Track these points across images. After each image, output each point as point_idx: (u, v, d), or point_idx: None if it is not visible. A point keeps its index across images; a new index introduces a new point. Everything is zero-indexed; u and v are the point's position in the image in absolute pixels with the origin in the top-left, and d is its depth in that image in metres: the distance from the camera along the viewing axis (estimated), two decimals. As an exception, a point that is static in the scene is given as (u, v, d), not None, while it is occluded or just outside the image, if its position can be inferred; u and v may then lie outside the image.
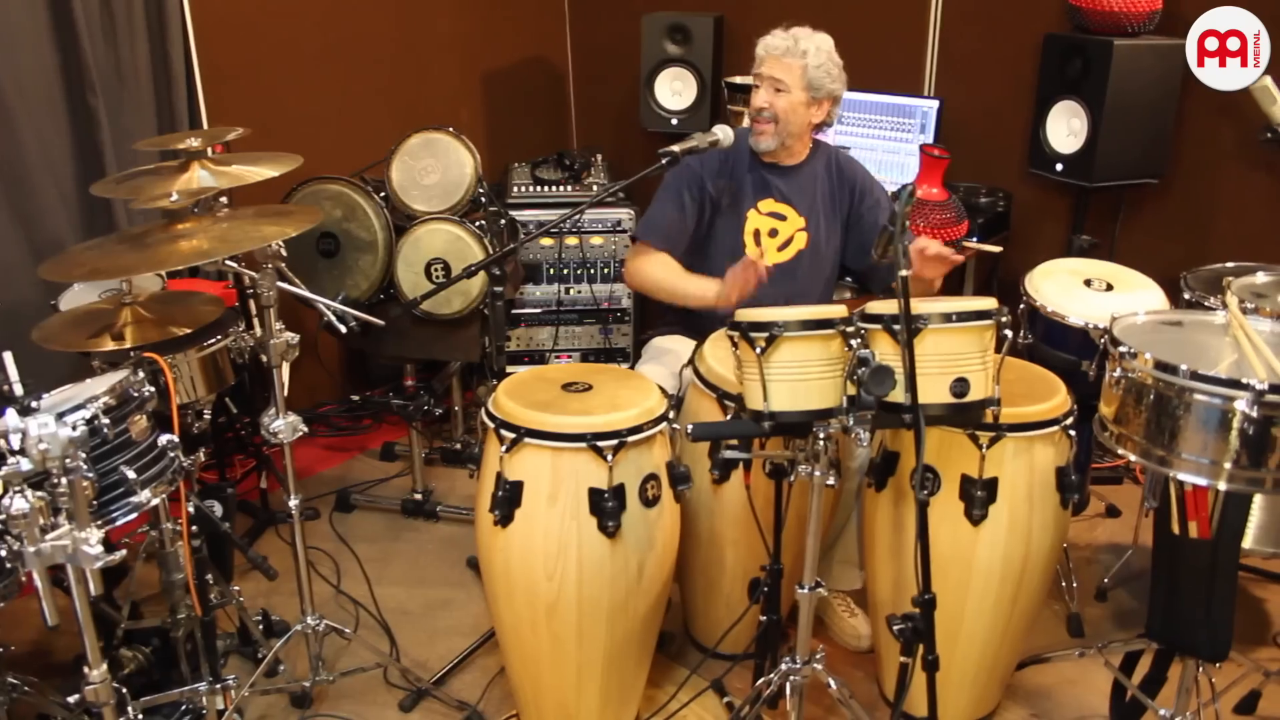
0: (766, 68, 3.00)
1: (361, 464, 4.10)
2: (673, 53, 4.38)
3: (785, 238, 3.08)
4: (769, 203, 3.08)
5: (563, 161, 4.37)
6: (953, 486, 2.45)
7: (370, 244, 3.46)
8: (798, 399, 2.05)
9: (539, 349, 4.33)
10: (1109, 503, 3.74)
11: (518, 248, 3.63)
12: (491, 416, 2.43)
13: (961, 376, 2.06)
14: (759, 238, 3.07)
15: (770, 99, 2.99)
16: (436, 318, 3.47)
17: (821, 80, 2.99)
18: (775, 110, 2.98)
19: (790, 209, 3.08)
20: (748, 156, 3.08)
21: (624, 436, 2.33)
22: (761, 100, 3.00)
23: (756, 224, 3.08)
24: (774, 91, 2.98)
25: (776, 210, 3.08)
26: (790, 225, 3.08)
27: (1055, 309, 2.87)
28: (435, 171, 3.50)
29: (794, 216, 3.08)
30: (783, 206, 3.08)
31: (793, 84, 2.97)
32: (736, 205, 3.08)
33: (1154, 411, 2.22)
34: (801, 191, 3.10)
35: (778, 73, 2.98)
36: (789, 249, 3.08)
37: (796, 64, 2.97)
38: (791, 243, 3.08)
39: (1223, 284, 2.84)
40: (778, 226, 3.08)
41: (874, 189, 3.17)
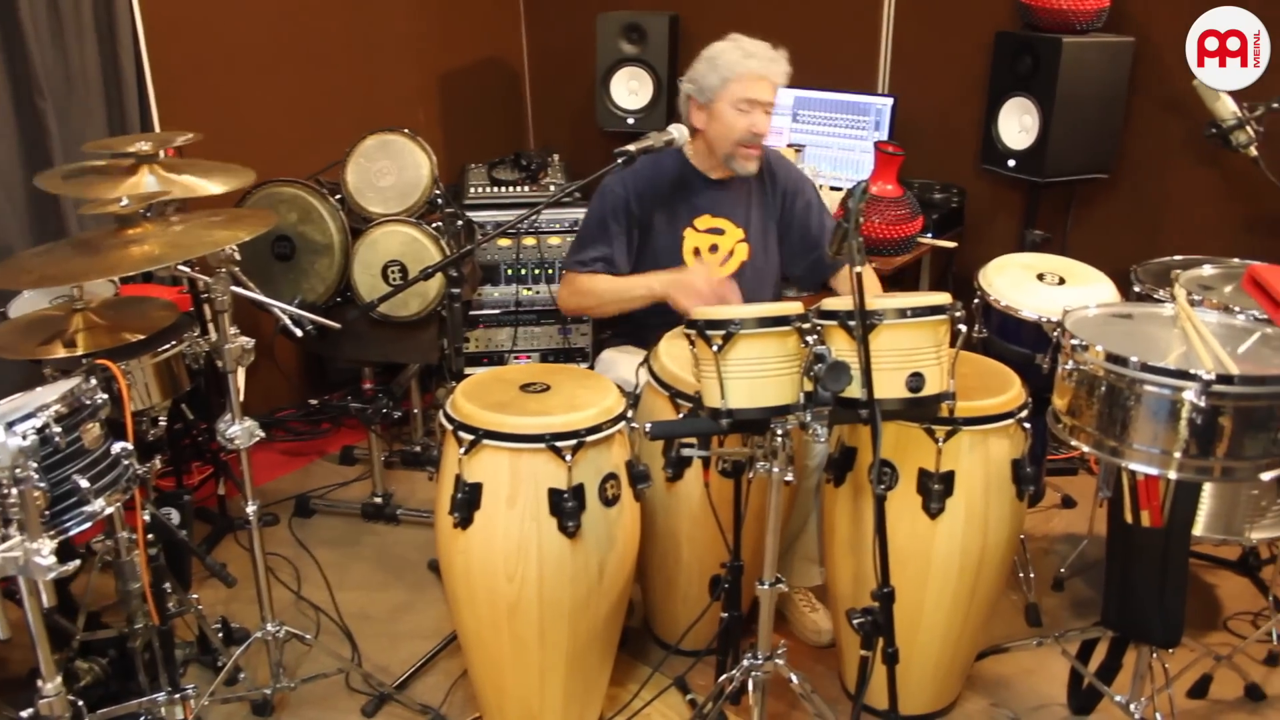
0: (764, 92, 2.93)
1: (320, 468, 4.07)
2: (628, 52, 4.38)
3: (726, 251, 3.07)
4: (705, 219, 3.07)
5: (519, 162, 4.35)
6: (910, 480, 2.46)
7: (326, 247, 3.43)
8: (755, 396, 2.06)
9: (498, 350, 4.31)
10: (1064, 494, 3.78)
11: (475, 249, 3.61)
12: (449, 418, 2.42)
13: (917, 371, 2.07)
14: (699, 255, 3.07)
15: (764, 127, 2.95)
16: (394, 320, 3.45)
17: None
18: (765, 137, 2.95)
19: (727, 222, 3.07)
20: (680, 174, 3.06)
21: (583, 436, 2.33)
22: (763, 126, 2.94)
23: (695, 242, 3.06)
24: (765, 115, 2.94)
25: (714, 225, 3.07)
26: (729, 239, 3.07)
27: (1009, 303, 2.89)
28: (391, 173, 3.48)
29: (732, 229, 3.07)
30: (719, 220, 3.07)
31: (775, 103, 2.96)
32: (672, 225, 3.05)
33: (1106, 403, 2.25)
34: (736, 203, 3.08)
35: (772, 96, 2.94)
36: (731, 262, 3.08)
37: (784, 83, 2.95)
38: (733, 255, 3.08)
39: (1171, 276, 2.88)
40: (717, 242, 3.07)
41: (804, 189, 3.16)
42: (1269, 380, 2.13)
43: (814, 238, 3.12)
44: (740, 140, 2.95)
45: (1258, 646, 2.94)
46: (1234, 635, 3.03)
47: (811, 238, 3.12)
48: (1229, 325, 2.47)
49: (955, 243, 3.93)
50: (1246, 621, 3.08)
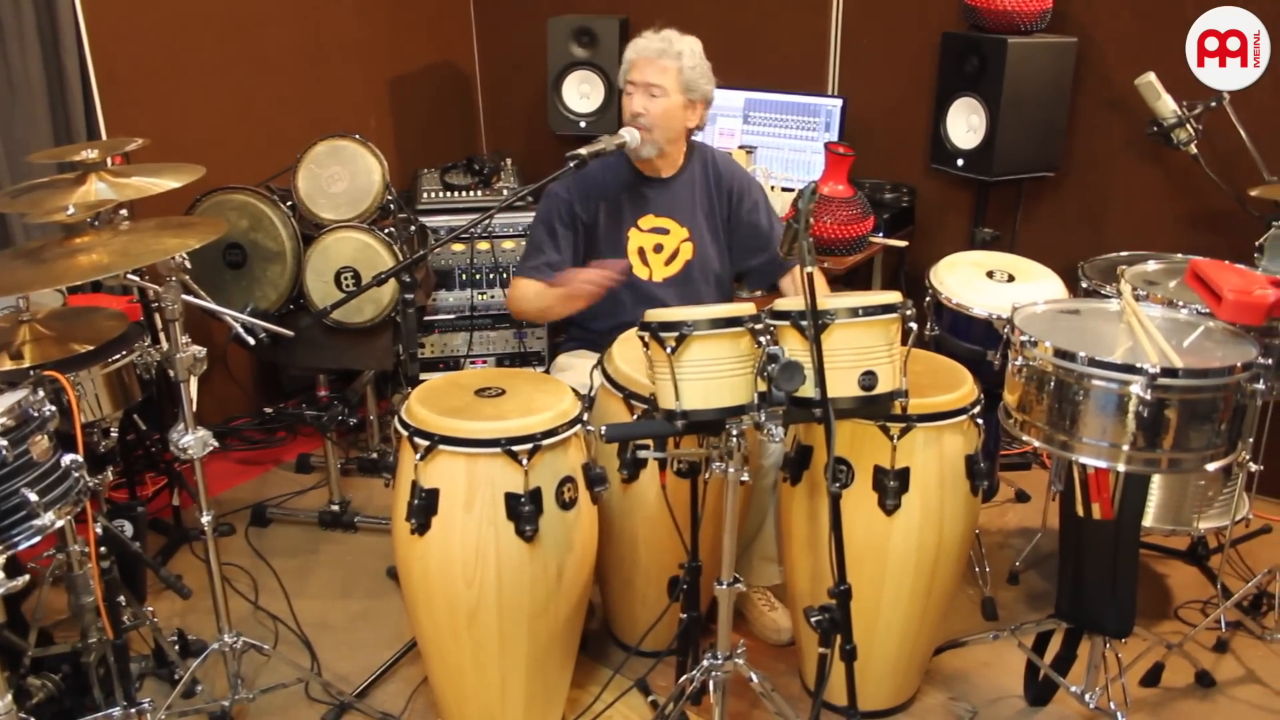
0: (639, 72, 2.93)
1: (276, 477, 4.03)
2: (579, 56, 4.38)
3: (670, 251, 3.08)
4: (649, 218, 3.07)
5: (472, 166, 4.34)
6: (866, 478, 2.48)
7: (278, 254, 3.40)
8: (710, 397, 2.06)
9: (453, 355, 4.29)
10: (1018, 488, 3.82)
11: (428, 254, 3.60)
12: (405, 424, 2.41)
13: (870, 370, 2.08)
14: (645, 255, 3.07)
15: (645, 105, 2.92)
16: (348, 327, 3.42)
17: (697, 81, 2.95)
18: (651, 117, 2.92)
19: (671, 221, 3.07)
20: (623, 175, 3.06)
21: (539, 440, 2.33)
22: (638, 106, 2.92)
23: (639, 242, 3.07)
24: (649, 97, 2.92)
25: (658, 225, 3.07)
26: (674, 238, 3.08)
27: (960, 301, 2.92)
28: (342, 179, 3.46)
29: (676, 229, 3.07)
30: (664, 220, 3.08)
31: (669, 87, 2.91)
32: (617, 226, 3.05)
33: (1055, 398, 2.27)
34: (680, 202, 3.08)
35: (652, 76, 2.91)
36: (676, 262, 3.08)
37: (671, 66, 2.92)
38: (678, 255, 3.08)
39: (1117, 272, 2.92)
40: (661, 241, 3.08)
41: (751, 190, 3.16)
42: (1212, 373, 2.17)
43: (764, 238, 3.13)
44: (628, 121, 2.95)
45: (1207, 634, 2.99)
46: (1184, 623, 3.07)
47: (761, 238, 3.13)
48: (1173, 319, 2.51)
49: (906, 242, 3.96)
50: (1196, 610, 3.13)
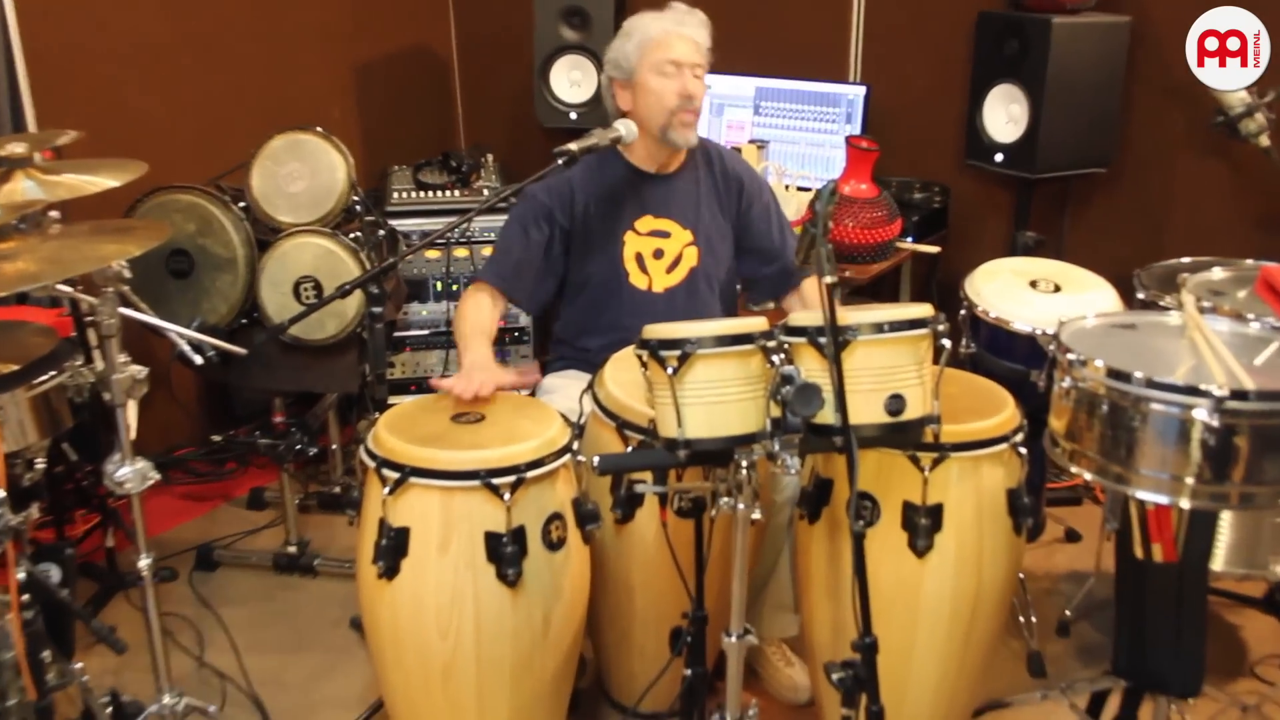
0: (684, 53, 2.94)
1: (226, 515, 4.02)
2: (570, 39, 4.38)
3: (673, 257, 3.07)
4: (647, 220, 3.07)
5: (449, 163, 4.35)
6: (894, 515, 2.47)
7: (229, 262, 3.41)
8: (716, 424, 2.06)
9: (426, 376, 4.29)
10: (1068, 526, 3.81)
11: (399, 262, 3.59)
12: (371, 454, 2.41)
13: (897, 392, 2.08)
14: (643, 262, 3.06)
15: (697, 89, 2.95)
16: (308, 344, 3.42)
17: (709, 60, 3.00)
18: (699, 100, 2.96)
19: (673, 223, 3.07)
20: (616, 171, 3.06)
21: (522, 472, 2.32)
22: (695, 88, 2.95)
23: (636, 247, 3.06)
24: (697, 79, 2.95)
25: (657, 228, 3.07)
26: (676, 242, 3.07)
27: (999, 314, 2.92)
28: (302, 177, 3.46)
29: (679, 231, 3.07)
30: (664, 222, 3.07)
31: (705, 66, 2.97)
32: (610, 230, 3.04)
33: (1108, 424, 2.26)
34: (683, 201, 3.08)
35: (699, 56, 2.95)
36: (679, 269, 3.08)
37: (706, 44, 2.97)
38: (680, 262, 3.08)
39: (1178, 281, 2.92)
40: (662, 246, 3.07)
41: (762, 192, 3.17)
42: (1288, 395, 2.16)
43: (775, 247, 3.13)
44: (675, 107, 2.93)
45: (1285, 693, 2.98)
46: (1261, 681, 3.06)
47: (772, 247, 3.13)
48: (1243, 334, 2.50)
49: (938, 248, 3.97)
50: (1274, 666, 3.12)
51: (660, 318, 2.86)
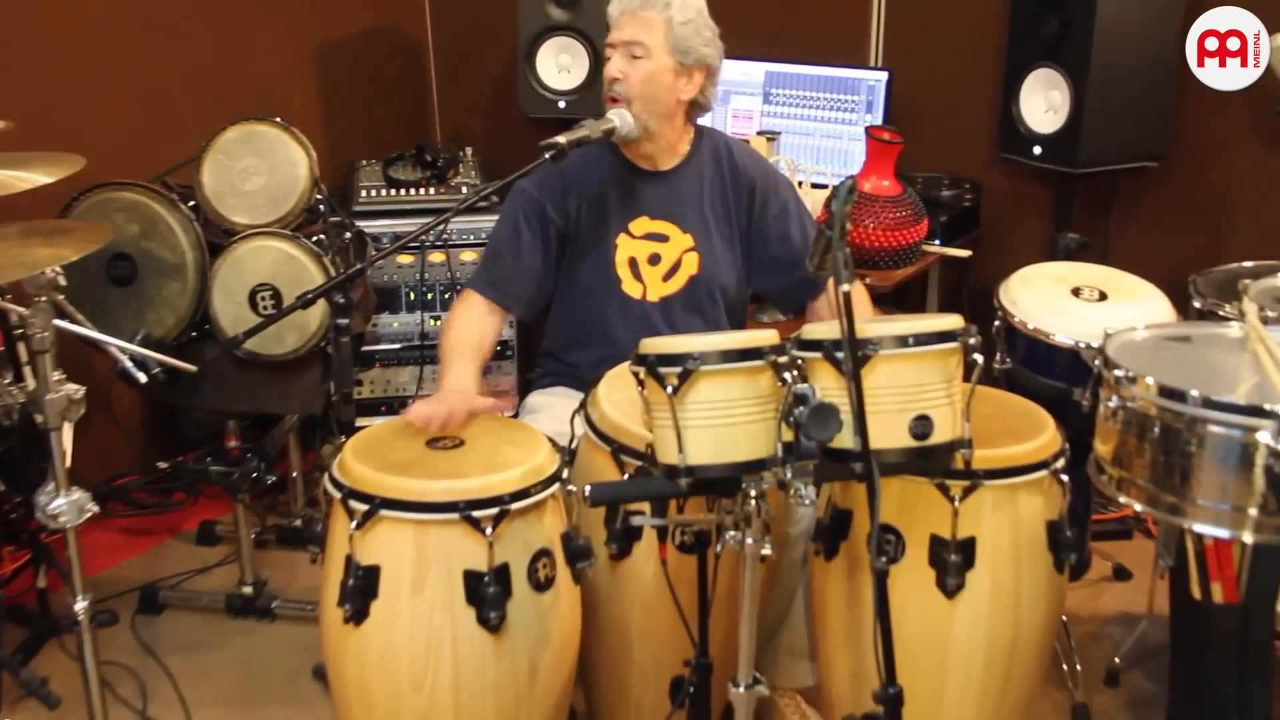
0: (618, 30, 2.93)
1: (172, 551, 4.02)
2: (558, 19, 4.39)
3: (670, 264, 3.08)
4: (643, 222, 3.07)
5: (423, 157, 4.35)
6: (920, 550, 2.47)
7: (177, 267, 3.41)
8: (721, 449, 2.06)
9: (398, 395, 4.29)
10: (1116, 563, 3.80)
11: (367, 268, 3.60)
12: (337, 484, 2.41)
13: (923, 413, 2.08)
14: (637, 268, 3.07)
15: (624, 68, 2.91)
16: (265, 360, 3.42)
17: (690, 41, 2.92)
18: (629, 84, 2.91)
19: (672, 226, 3.07)
20: (609, 167, 3.07)
21: (506, 503, 2.32)
22: (614, 70, 2.92)
23: (630, 251, 3.07)
24: (629, 59, 2.91)
25: (654, 230, 3.08)
26: (674, 247, 3.08)
27: (1037, 325, 2.92)
28: (259, 173, 3.47)
29: (678, 235, 3.07)
30: (661, 224, 3.08)
31: (653, 45, 2.89)
32: (601, 231, 3.05)
33: (1161, 449, 2.26)
34: (684, 201, 3.08)
35: (633, 32, 2.90)
36: (677, 277, 3.08)
37: (658, 18, 2.90)
38: (679, 268, 3.08)
39: (1238, 288, 2.92)
40: (658, 250, 3.07)
41: (779, 190, 3.17)
42: (1362, 416, 2.16)
43: (795, 252, 3.13)
44: (604, 93, 2.95)
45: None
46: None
47: (793, 251, 3.13)
48: (1311, 348, 2.51)
49: (969, 251, 3.97)
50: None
51: (654, 331, 2.89)
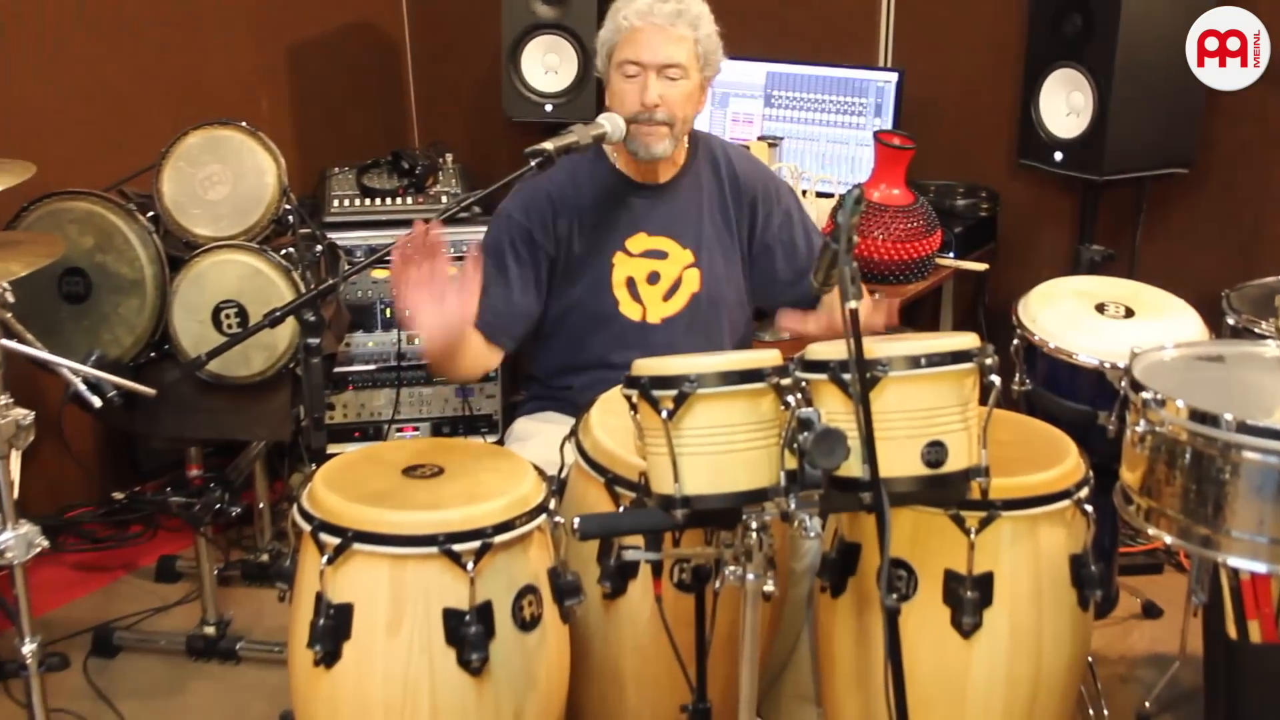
0: (648, 48, 2.91)
1: (129, 588, 4.02)
2: (545, 16, 4.40)
3: (670, 282, 3.09)
4: (640, 238, 3.09)
5: (400, 164, 4.35)
6: (934, 587, 2.47)
7: (135, 283, 3.41)
8: (720, 478, 2.06)
9: (373, 420, 4.29)
10: (1145, 600, 3.80)
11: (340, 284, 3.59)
12: (307, 515, 2.40)
13: (936, 439, 2.08)
14: (635, 288, 3.08)
15: (663, 91, 2.91)
16: (230, 382, 3.42)
17: (712, 54, 2.98)
18: (670, 108, 2.92)
19: (671, 242, 3.09)
20: (601, 180, 3.08)
21: (489, 536, 2.32)
22: (654, 95, 2.91)
23: (628, 271, 3.08)
24: (666, 81, 2.91)
25: (652, 247, 3.09)
26: (674, 264, 3.09)
27: (1059, 344, 2.93)
28: (224, 182, 3.47)
29: (677, 251, 3.09)
30: (660, 240, 3.09)
31: (688, 64, 2.93)
32: (596, 250, 3.06)
33: (1192, 477, 2.27)
34: (682, 215, 3.10)
35: (668, 52, 2.91)
36: (678, 296, 3.10)
37: (689, 35, 2.92)
38: (680, 287, 3.10)
39: (1275, 304, 2.93)
40: (658, 269, 3.09)
41: (782, 197, 3.19)
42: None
43: (801, 262, 3.14)
44: (631, 116, 2.94)
45: None
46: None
47: (799, 262, 3.14)
48: (1352, 368, 2.52)
49: (986, 265, 3.98)
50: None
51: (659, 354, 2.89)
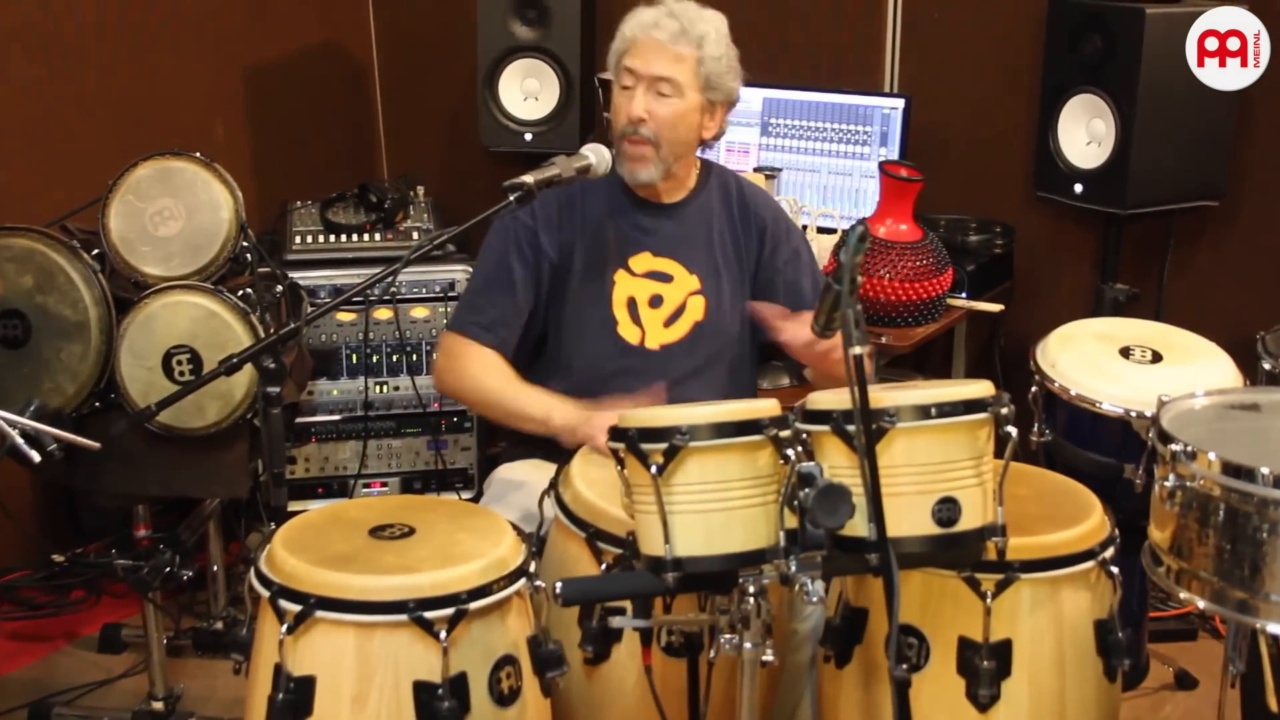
0: (643, 60, 2.98)
1: (70, 660, 4.00)
2: (524, 38, 4.42)
3: (674, 307, 3.11)
4: (644, 258, 3.11)
5: (367, 198, 4.36)
6: (947, 655, 2.47)
7: (78, 326, 3.40)
8: (714, 538, 2.06)
9: (338, 475, 4.29)
10: (1178, 669, 3.79)
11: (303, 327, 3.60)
12: (265, 580, 2.40)
13: (948, 496, 2.09)
14: (636, 310, 3.10)
15: (651, 107, 2.98)
16: (182, 434, 3.41)
17: (722, 77, 3.02)
18: (657, 125, 2.98)
19: (677, 265, 3.11)
20: (608, 193, 3.11)
21: (464, 603, 2.32)
22: (639, 110, 2.98)
23: (630, 290, 3.10)
24: (656, 96, 2.98)
25: (656, 269, 3.11)
26: (679, 288, 3.11)
27: (1080, 391, 2.94)
28: (176, 217, 3.46)
29: (683, 275, 3.11)
30: (665, 262, 3.11)
31: (685, 83, 2.98)
32: (598, 267, 3.09)
33: (1226, 536, 2.27)
34: (691, 238, 3.13)
35: (662, 67, 2.96)
36: (680, 323, 3.11)
37: (690, 54, 2.97)
38: (683, 313, 3.11)
39: (1314, 348, 2.95)
40: (661, 291, 3.11)
41: (790, 235, 3.23)
42: None
43: (805, 305, 3.15)
44: (620, 130, 3.01)
45: None
46: None
47: (802, 305, 3.15)
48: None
49: (1001, 305, 3.98)
50: None
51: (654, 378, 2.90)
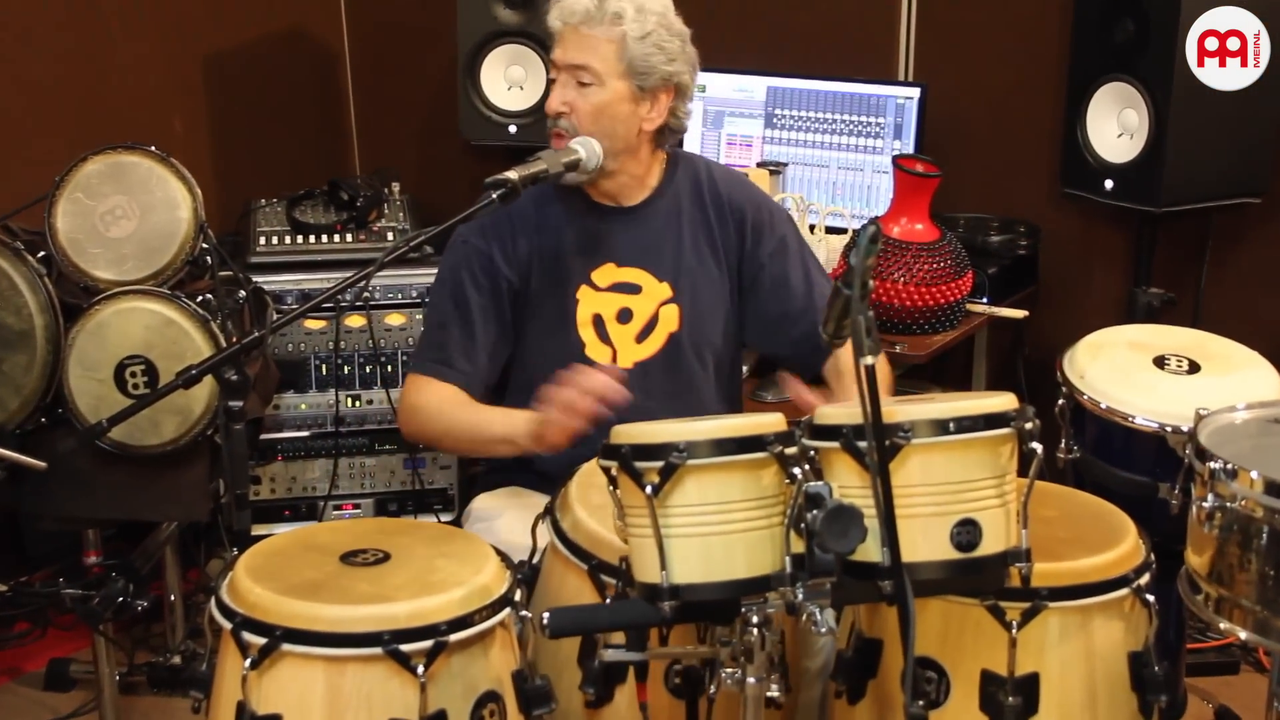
0: (561, 49, 3.00)
1: (12, 698, 4.02)
2: (507, 22, 4.42)
3: (644, 320, 3.11)
4: (608, 270, 3.11)
5: (338, 195, 4.36)
6: (969, 690, 2.46)
7: (22, 336, 3.40)
8: (714, 564, 2.06)
9: (307, 496, 4.28)
10: (1219, 704, 3.78)
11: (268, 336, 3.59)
12: (228, 611, 2.39)
13: (968, 518, 2.08)
14: (604, 327, 3.10)
15: (570, 98, 2.98)
16: (136, 453, 3.41)
17: (651, 60, 2.98)
18: (577, 116, 2.98)
19: (644, 274, 3.11)
20: (564, 202, 3.11)
21: (443, 634, 2.31)
22: (557, 102, 3.00)
23: (594, 307, 3.10)
24: (575, 87, 2.98)
25: (623, 279, 3.12)
26: (649, 299, 3.12)
27: (1112, 404, 2.93)
28: (129, 216, 3.47)
29: (652, 284, 3.12)
30: (631, 272, 3.12)
31: (604, 69, 2.96)
32: (558, 283, 3.09)
33: (1270, 560, 2.27)
34: (657, 243, 3.13)
35: (576, 55, 2.97)
36: (654, 337, 3.12)
37: (603, 36, 2.96)
38: (655, 326, 3.12)
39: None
40: (629, 304, 3.11)
41: (775, 223, 3.22)
42: None
43: (795, 300, 3.15)
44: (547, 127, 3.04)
45: None
46: None
47: (791, 301, 3.15)
48: None
49: (1025, 312, 3.99)
50: None
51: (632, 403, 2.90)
